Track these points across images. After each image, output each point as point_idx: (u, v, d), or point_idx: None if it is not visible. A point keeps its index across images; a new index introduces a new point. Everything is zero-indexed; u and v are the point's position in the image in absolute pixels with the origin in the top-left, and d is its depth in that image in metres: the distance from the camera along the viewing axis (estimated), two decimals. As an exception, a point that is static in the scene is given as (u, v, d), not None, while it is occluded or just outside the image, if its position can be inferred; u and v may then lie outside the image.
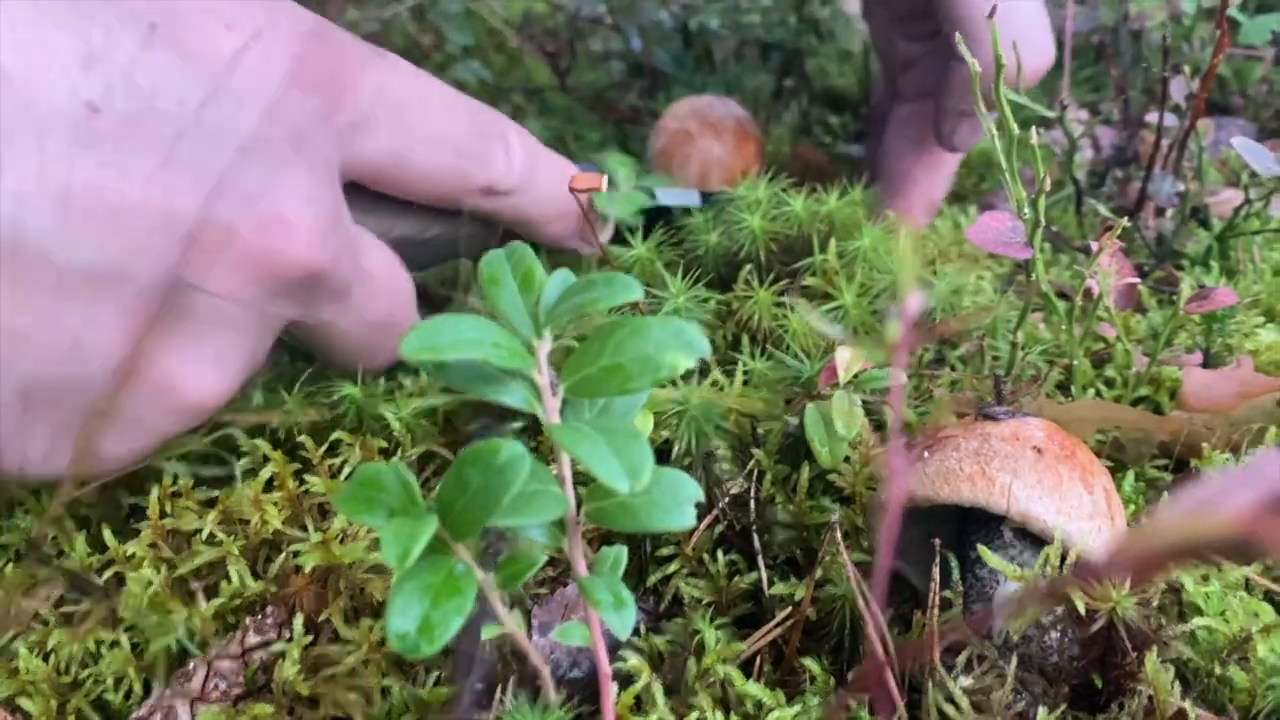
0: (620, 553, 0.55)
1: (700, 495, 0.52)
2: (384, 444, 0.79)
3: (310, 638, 0.67)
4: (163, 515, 0.74)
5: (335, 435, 0.79)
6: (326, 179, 0.70)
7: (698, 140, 1.15)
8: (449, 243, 0.86)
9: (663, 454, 0.78)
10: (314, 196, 0.67)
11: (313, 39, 0.70)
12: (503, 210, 0.85)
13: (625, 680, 0.64)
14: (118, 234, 0.60)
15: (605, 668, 0.55)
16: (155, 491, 0.75)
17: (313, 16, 0.72)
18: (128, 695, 0.68)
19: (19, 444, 0.65)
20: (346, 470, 0.77)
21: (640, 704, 0.63)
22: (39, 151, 0.58)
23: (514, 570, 0.52)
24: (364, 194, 0.77)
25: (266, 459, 0.77)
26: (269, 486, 0.76)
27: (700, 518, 0.75)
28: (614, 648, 0.68)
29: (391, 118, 0.74)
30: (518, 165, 0.83)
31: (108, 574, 0.71)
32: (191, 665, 0.66)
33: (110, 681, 0.68)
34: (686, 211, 1.03)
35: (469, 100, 0.83)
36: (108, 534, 0.73)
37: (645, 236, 0.97)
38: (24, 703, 0.67)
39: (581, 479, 0.65)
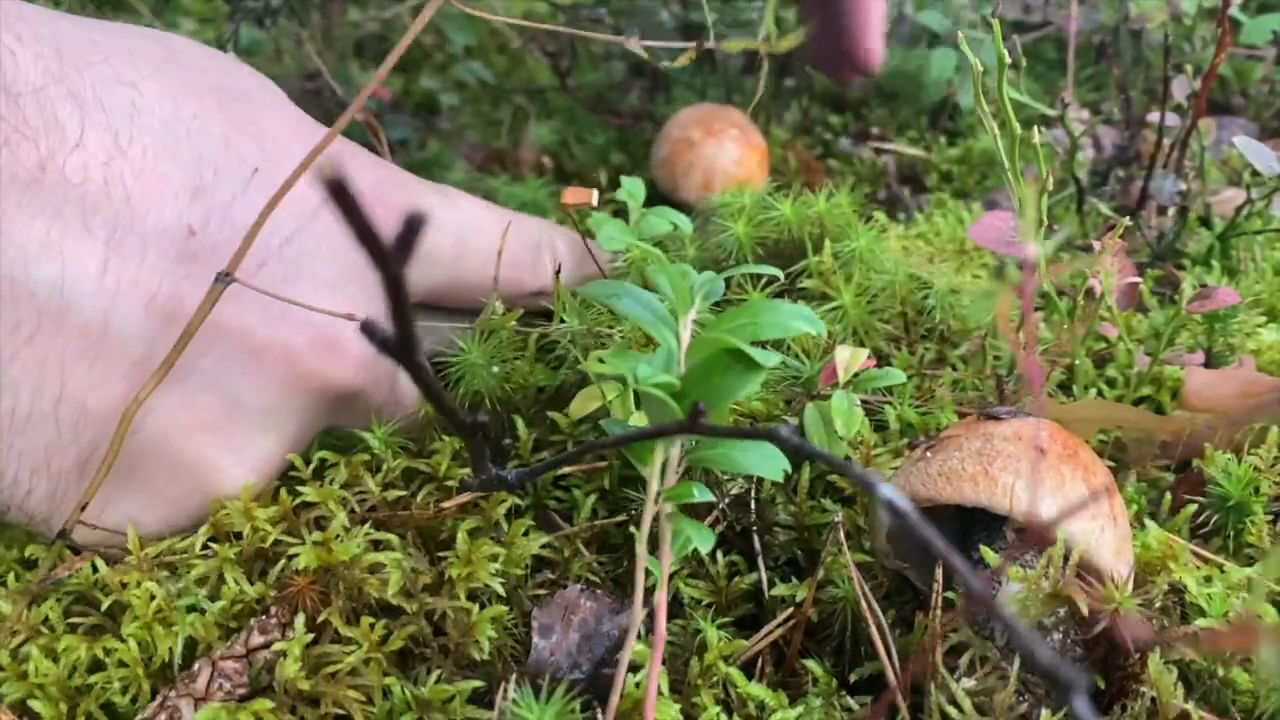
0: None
1: (787, 465, 0.60)
2: (367, 458, 0.79)
3: (311, 637, 0.67)
4: (142, 545, 0.74)
5: (319, 454, 0.79)
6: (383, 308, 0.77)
7: (700, 149, 1.17)
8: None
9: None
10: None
11: (386, 184, 0.82)
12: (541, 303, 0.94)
13: (632, 669, 0.64)
14: (196, 335, 0.68)
15: (662, 630, 0.59)
16: (131, 532, 0.74)
17: (385, 163, 0.85)
18: (135, 699, 0.68)
19: (66, 511, 0.72)
20: (335, 488, 0.77)
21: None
22: (140, 260, 0.68)
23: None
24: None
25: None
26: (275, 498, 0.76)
27: (700, 518, 0.75)
28: (615, 648, 0.68)
29: (452, 246, 0.86)
30: (567, 267, 0.92)
31: (108, 601, 0.71)
32: (197, 666, 0.66)
33: (118, 685, 0.68)
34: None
35: (523, 217, 0.94)
36: (100, 563, 0.73)
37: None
38: (34, 705, 0.67)
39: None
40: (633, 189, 0.88)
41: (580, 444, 0.79)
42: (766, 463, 0.59)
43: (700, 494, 0.59)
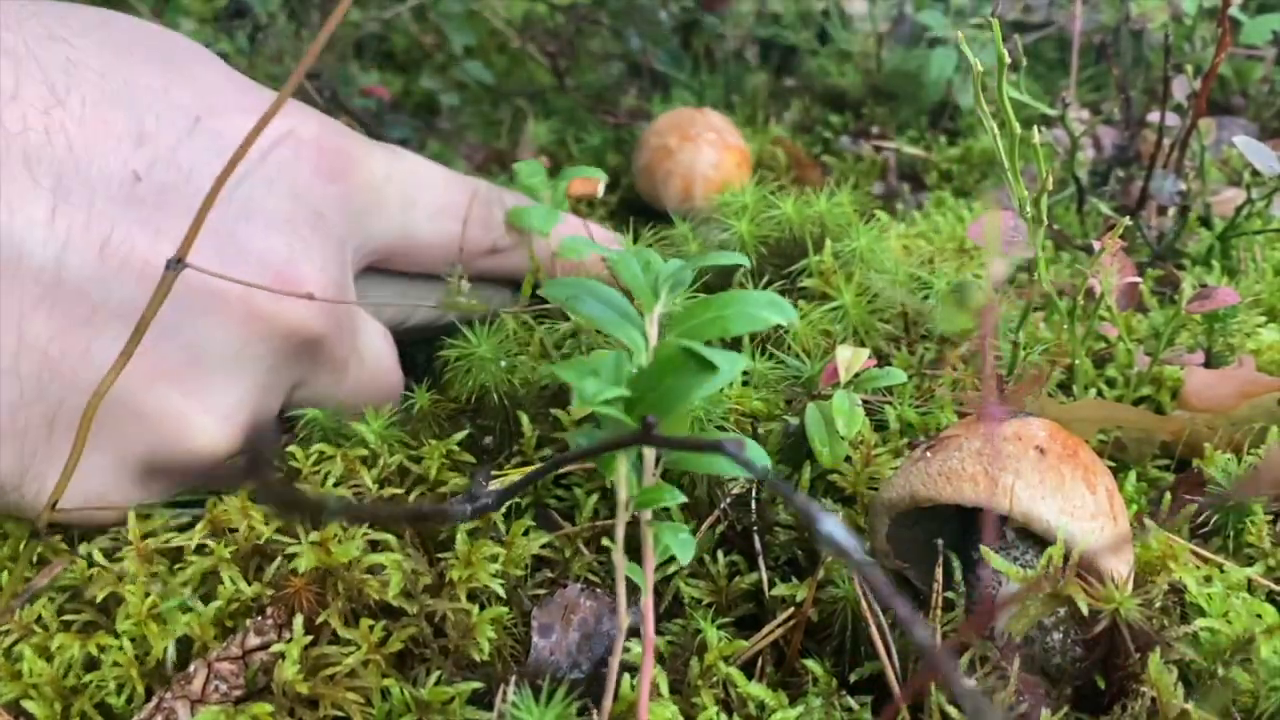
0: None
1: (768, 462, 0.58)
2: (364, 452, 0.79)
3: (310, 638, 0.67)
4: (144, 536, 0.74)
5: (317, 447, 0.79)
6: (338, 257, 0.80)
7: (678, 155, 1.17)
8: (430, 327, 0.94)
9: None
10: (325, 268, 0.78)
11: (334, 136, 0.82)
12: (502, 267, 0.94)
13: (630, 670, 0.64)
14: (146, 283, 0.67)
15: (650, 635, 0.58)
16: (131, 517, 0.74)
17: (332, 121, 0.84)
18: (130, 699, 0.68)
19: (38, 471, 0.71)
20: (330, 482, 0.77)
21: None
22: (89, 206, 0.67)
23: None
24: (360, 281, 0.86)
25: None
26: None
27: (701, 518, 0.75)
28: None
29: (398, 196, 0.86)
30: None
31: (103, 593, 0.71)
32: (192, 667, 0.66)
33: (112, 685, 0.67)
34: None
35: (470, 177, 0.94)
36: (98, 553, 0.73)
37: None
38: (28, 705, 0.67)
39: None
40: (531, 172, 0.93)
41: (547, 460, 0.78)
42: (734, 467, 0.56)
43: (671, 498, 0.57)
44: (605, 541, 0.76)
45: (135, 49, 0.74)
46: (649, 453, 0.58)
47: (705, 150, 1.18)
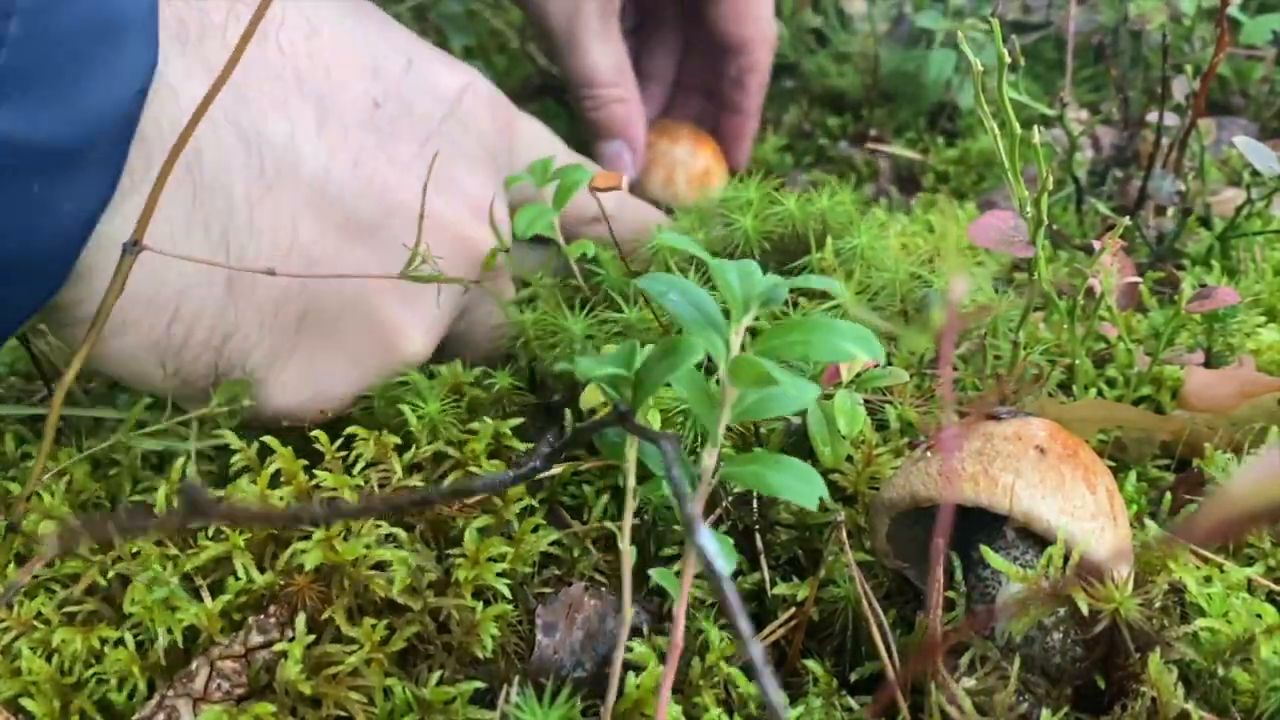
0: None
1: (825, 491, 0.56)
2: (398, 440, 0.79)
3: (313, 637, 0.67)
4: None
5: (349, 430, 0.78)
6: (504, 200, 0.90)
7: (656, 147, 1.25)
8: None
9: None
10: (501, 208, 0.88)
11: (499, 94, 0.91)
12: (597, 233, 0.98)
13: (635, 669, 0.64)
14: (385, 199, 0.78)
15: (679, 639, 0.56)
16: (163, 488, 0.75)
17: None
18: (131, 695, 0.67)
19: (282, 366, 0.78)
20: (359, 466, 0.77)
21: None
22: (343, 127, 0.76)
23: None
24: None
25: (270, 452, 0.76)
26: (275, 482, 0.75)
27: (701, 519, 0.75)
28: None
29: (534, 159, 0.91)
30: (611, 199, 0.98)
31: (113, 572, 0.71)
32: (194, 665, 0.66)
33: (114, 681, 0.67)
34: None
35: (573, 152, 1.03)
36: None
37: None
38: (27, 703, 0.66)
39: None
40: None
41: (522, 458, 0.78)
42: (798, 487, 0.56)
43: (667, 489, 0.56)
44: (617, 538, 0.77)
45: (345, 2, 0.83)
46: (709, 460, 0.58)
47: (684, 141, 1.26)
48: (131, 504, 0.79)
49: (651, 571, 0.58)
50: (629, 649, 0.64)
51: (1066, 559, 0.62)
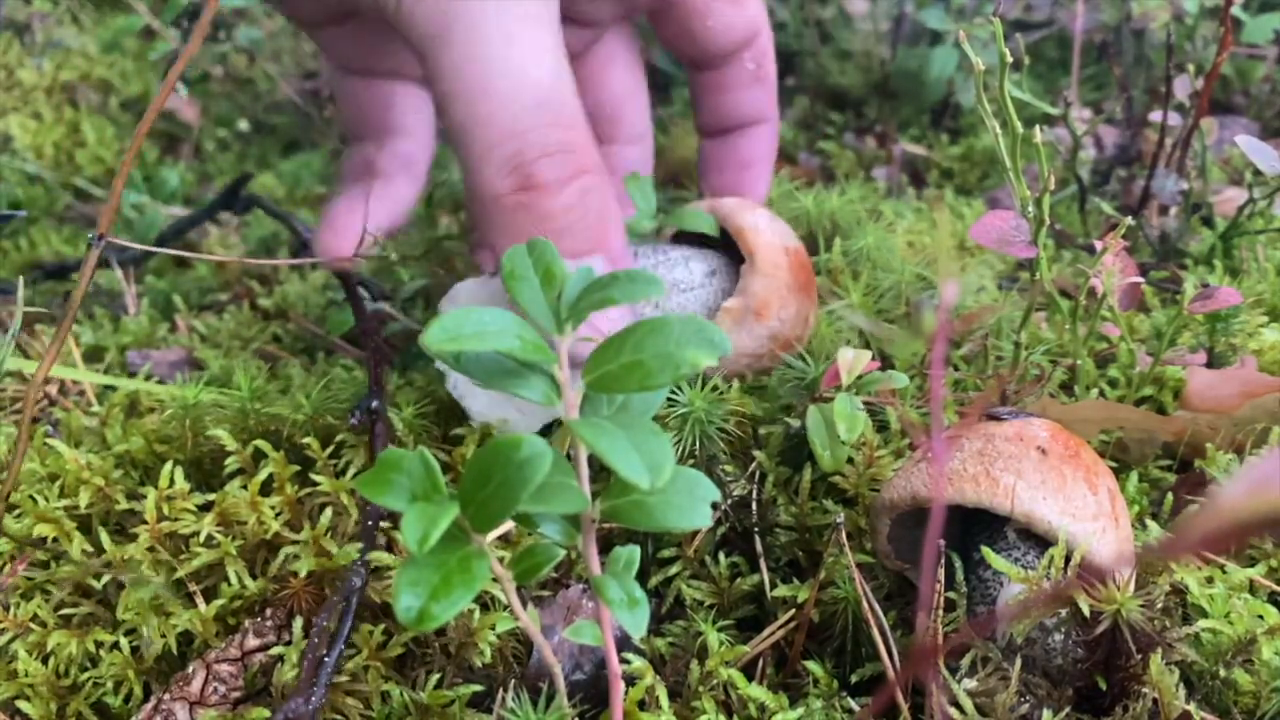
0: (633, 553, 0.54)
1: (716, 495, 0.52)
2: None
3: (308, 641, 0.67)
4: (160, 519, 0.73)
5: (340, 437, 0.79)
6: None
7: None
8: None
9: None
10: None
11: None
12: None
13: (629, 681, 0.64)
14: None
15: (615, 666, 0.55)
16: (152, 495, 0.74)
17: None
18: (127, 698, 0.67)
19: None
20: (350, 471, 0.77)
21: (644, 705, 0.63)
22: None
23: (531, 564, 0.52)
24: None
25: (264, 457, 0.76)
26: (266, 489, 0.75)
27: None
28: (618, 648, 0.67)
29: None
30: None
31: (106, 578, 0.70)
32: (191, 669, 0.66)
33: (110, 685, 0.67)
34: None
35: None
36: (105, 536, 0.73)
37: None
38: (23, 706, 0.66)
39: (595, 477, 0.64)
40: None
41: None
42: (686, 515, 0.50)
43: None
44: (613, 541, 0.76)
45: None
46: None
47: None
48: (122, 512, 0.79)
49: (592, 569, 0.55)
50: (627, 660, 0.64)
51: (1068, 560, 0.61)
